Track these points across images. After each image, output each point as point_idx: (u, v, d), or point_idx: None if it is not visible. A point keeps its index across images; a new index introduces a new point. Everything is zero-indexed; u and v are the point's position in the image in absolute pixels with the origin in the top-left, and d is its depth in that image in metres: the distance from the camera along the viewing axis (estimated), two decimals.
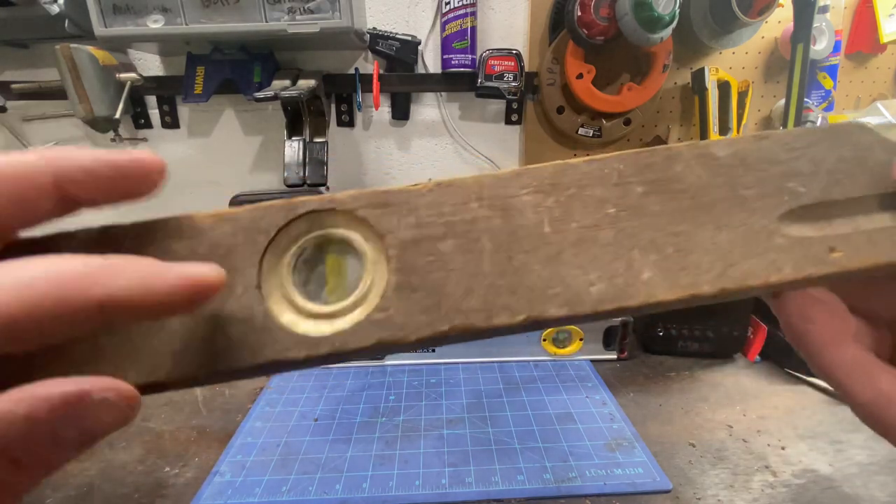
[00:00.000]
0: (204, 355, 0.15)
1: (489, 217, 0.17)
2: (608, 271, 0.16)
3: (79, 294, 0.11)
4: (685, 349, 0.64)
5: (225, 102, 0.74)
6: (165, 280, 0.12)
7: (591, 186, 0.17)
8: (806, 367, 0.58)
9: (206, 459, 0.46)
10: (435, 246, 0.16)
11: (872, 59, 0.76)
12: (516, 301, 0.16)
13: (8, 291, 0.10)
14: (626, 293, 0.16)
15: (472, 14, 0.66)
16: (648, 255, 0.17)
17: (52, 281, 0.11)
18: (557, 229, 0.17)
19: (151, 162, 0.14)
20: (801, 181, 0.17)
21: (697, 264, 0.16)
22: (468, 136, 0.76)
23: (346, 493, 0.42)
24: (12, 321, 0.10)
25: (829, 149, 0.17)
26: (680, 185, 0.17)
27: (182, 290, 0.12)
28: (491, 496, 0.41)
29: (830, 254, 0.17)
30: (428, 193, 0.17)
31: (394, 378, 0.60)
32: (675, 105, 0.75)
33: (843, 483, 0.42)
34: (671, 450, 0.47)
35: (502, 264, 0.16)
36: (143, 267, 0.12)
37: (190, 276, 0.12)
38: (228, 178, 0.76)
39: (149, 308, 0.12)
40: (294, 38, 0.57)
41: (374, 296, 0.16)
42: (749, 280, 0.16)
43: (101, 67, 0.62)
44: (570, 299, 0.16)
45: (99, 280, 0.11)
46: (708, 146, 0.18)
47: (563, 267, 0.16)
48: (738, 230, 0.17)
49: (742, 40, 0.69)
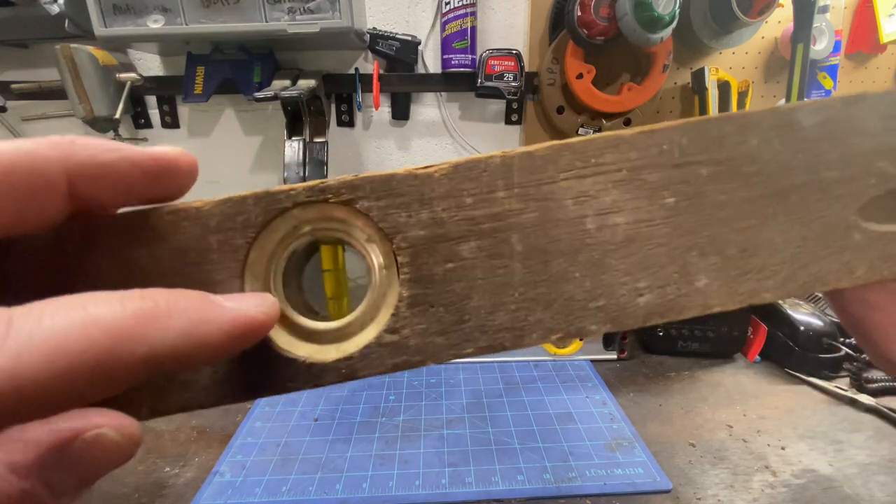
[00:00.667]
0: (188, 393, 0.13)
1: (520, 210, 0.14)
2: (659, 278, 0.14)
3: (121, 352, 0.09)
4: (685, 349, 0.64)
5: (225, 102, 0.74)
6: (219, 327, 0.10)
7: (646, 169, 0.14)
8: (806, 367, 0.59)
9: (206, 459, 0.46)
10: (454, 249, 0.13)
11: (872, 59, 0.76)
12: (552, 317, 0.14)
13: (34, 355, 0.08)
14: (677, 304, 0.14)
15: (472, 14, 0.66)
16: (707, 258, 0.14)
17: (89, 337, 0.08)
18: (603, 225, 0.14)
19: (179, 159, 0.12)
20: (893, 160, 0.14)
21: (762, 267, 0.14)
22: (468, 136, 0.76)
23: (346, 493, 0.42)
24: (40, 391, 0.08)
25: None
26: (753, 167, 0.14)
27: (234, 335, 0.10)
28: (491, 496, 0.41)
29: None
30: (443, 179, 0.13)
31: (394, 378, 0.60)
32: (675, 105, 0.75)
33: (843, 483, 0.42)
34: (671, 450, 0.47)
35: (536, 271, 0.14)
36: (191, 310, 0.10)
37: (243, 318, 0.10)
38: (228, 178, 0.76)
39: (197, 359, 0.10)
40: (294, 38, 0.57)
41: (384, 312, 0.14)
42: (815, 286, 0.14)
43: (101, 67, 0.62)
44: (614, 313, 0.14)
45: (144, 332, 0.09)
46: (792, 111, 0.14)
47: (609, 273, 0.14)
48: (813, 224, 0.14)
49: (742, 40, 0.69)
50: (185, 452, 0.47)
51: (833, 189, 0.14)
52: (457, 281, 0.14)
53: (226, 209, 0.13)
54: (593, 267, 0.14)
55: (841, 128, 0.14)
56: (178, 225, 0.13)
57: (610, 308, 0.14)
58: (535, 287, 0.14)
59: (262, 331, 0.11)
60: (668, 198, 0.14)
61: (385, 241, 0.14)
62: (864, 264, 0.14)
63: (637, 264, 0.14)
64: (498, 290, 0.14)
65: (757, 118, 0.14)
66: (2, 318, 0.08)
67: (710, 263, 0.14)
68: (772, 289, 0.14)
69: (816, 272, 0.14)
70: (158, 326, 0.09)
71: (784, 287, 0.14)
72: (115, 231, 0.13)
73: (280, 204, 0.13)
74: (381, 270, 0.14)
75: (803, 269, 0.14)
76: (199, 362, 0.10)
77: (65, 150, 0.11)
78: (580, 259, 0.14)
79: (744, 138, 0.14)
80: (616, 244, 0.14)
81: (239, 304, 0.11)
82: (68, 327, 0.08)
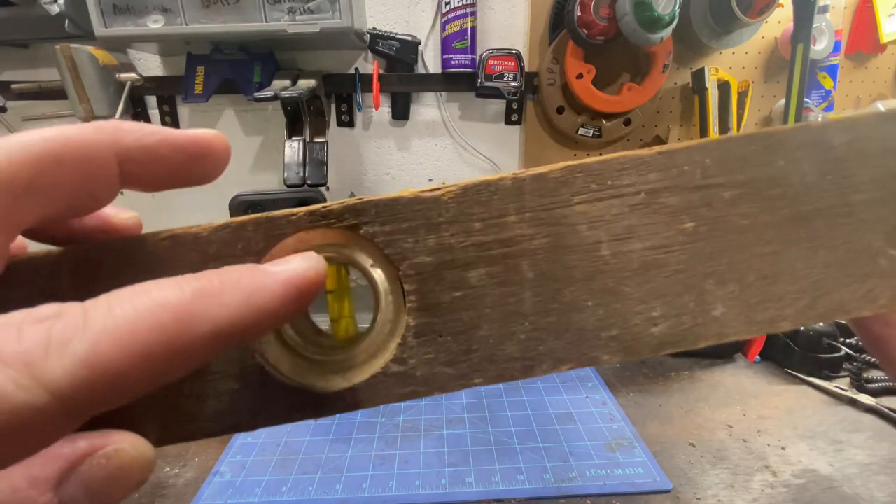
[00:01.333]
0: (194, 424, 0.13)
1: (532, 236, 0.13)
2: (675, 307, 0.13)
3: (188, 331, 0.09)
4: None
5: (225, 102, 0.74)
6: (272, 291, 0.10)
7: (665, 192, 0.13)
8: (806, 367, 0.59)
9: (206, 459, 0.46)
10: (463, 276, 0.13)
11: (872, 59, 0.76)
12: (562, 347, 0.13)
13: (110, 343, 0.08)
14: (692, 334, 0.13)
15: (472, 14, 0.66)
16: (726, 286, 0.13)
17: (157, 321, 0.09)
18: (618, 252, 0.13)
19: (215, 141, 0.12)
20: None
21: (781, 296, 0.13)
22: (468, 136, 0.76)
23: (346, 493, 0.41)
24: (121, 377, 0.08)
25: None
26: (777, 189, 0.13)
27: (290, 295, 0.10)
28: (491, 496, 0.41)
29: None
30: (451, 203, 0.13)
31: None
32: (675, 105, 0.75)
33: (843, 483, 0.42)
34: (671, 450, 0.47)
35: (548, 300, 0.13)
36: (244, 281, 0.10)
37: (294, 278, 0.10)
38: (228, 178, 0.76)
39: (259, 326, 0.10)
40: (294, 38, 0.57)
41: (391, 342, 0.13)
42: (836, 314, 0.14)
43: (101, 67, 0.62)
44: (627, 343, 0.13)
45: (206, 309, 0.09)
46: (823, 129, 0.14)
47: (623, 302, 0.13)
48: (837, 250, 0.14)
49: (742, 40, 0.69)
50: (185, 452, 0.47)
51: (860, 213, 0.14)
52: (465, 310, 0.13)
53: (225, 235, 0.13)
54: (607, 295, 0.13)
55: (873, 147, 0.14)
56: (175, 251, 0.12)
57: (623, 338, 0.13)
58: (546, 316, 0.13)
59: (314, 288, 0.11)
60: (687, 223, 0.13)
61: (391, 267, 0.13)
62: (888, 292, 0.14)
63: (652, 292, 0.13)
64: (508, 318, 0.13)
65: (783, 136, 0.13)
66: (78, 311, 0.09)
67: (728, 292, 0.13)
68: (790, 317, 0.14)
69: (838, 300, 0.14)
70: (217, 302, 0.10)
71: (803, 315, 0.14)
72: (113, 257, 0.12)
73: (281, 230, 0.13)
74: (387, 297, 0.13)
75: (825, 296, 0.14)
76: (261, 330, 0.10)
77: (111, 134, 0.11)
78: (593, 287, 0.13)
79: (770, 159, 0.13)
80: (631, 271, 0.13)
81: (286, 266, 0.11)
82: (138, 314, 0.09)
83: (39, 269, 0.12)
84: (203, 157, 0.12)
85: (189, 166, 0.12)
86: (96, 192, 0.11)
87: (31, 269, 0.12)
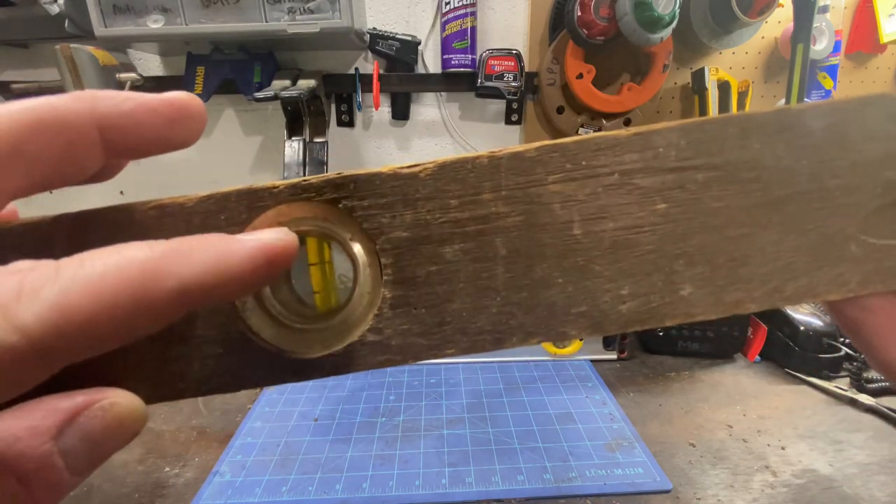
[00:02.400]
0: (179, 382, 0.13)
1: (506, 214, 0.13)
2: (643, 286, 0.14)
3: (154, 285, 0.10)
4: (685, 349, 0.64)
5: (225, 102, 0.74)
6: (240, 256, 0.11)
7: (639, 173, 0.13)
8: (806, 367, 0.59)
9: (206, 459, 0.46)
10: (438, 251, 0.13)
11: (872, 59, 0.76)
12: (532, 321, 0.14)
13: (79, 292, 0.09)
14: (659, 312, 0.14)
15: (472, 14, 0.66)
16: (695, 267, 0.14)
17: (124, 274, 0.09)
18: (590, 231, 0.13)
19: (191, 103, 0.13)
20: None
21: (750, 278, 0.14)
22: (468, 136, 0.76)
23: (346, 493, 0.42)
24: (90, 324, 0.09)
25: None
26: (752, 173, 0.13)
27: (257, 262, 0.11)
28: (491, 496, 0.41)
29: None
30: (429, 180, 0.13)
31: (394, 378, 0.60)
32: (675, 105, 0.75)
33: (843, 483, 0.42)
34: (671, 450, 0.47)
35: (520, 276, 0.13)
36: (214, 245, 0.11)
37: (262, 245, 0.11)
38: (228, 178, 0.76)
39: (226, 288, 0.11)
40: (294, 38, 0.57)
41: (368, 312, 0.14)
42: (804, 297, 0.14)
43: (101, 67, 0.62)
44: (596, 320, 0.14)
45: (172, 267, 0.10)
46: (802, 113, 0.14)
47: (592, 280, 0.14)
48: (809, 235, 0.14)
49: (742, 40, 0.69)
50: (185, 452, 0.47)
51: (835, 198, 0.14)
52: (439, 284, 0.14)
53: (209, 206, 0.13)
54: (577, 273, 0.14)
55: (853, 132, 0.13)
56: (162, 220, 0.13)
57: (591, 314, 0.14)
58: (517, 291, 0.14)
59: (282, 258, 0.11)
60: (659, 204, 0.13)
61: (369, 241, 0.14)
62: (857, 277, 0.14)
63: (622, 271, 0.14)
64: (480, 293, 0.14)
65: (761, 120, 0.13)
66: (51, 265, 0.10)
67: (697, 272, 0.14)
68: (758, 299, 0.14)
69: (807, 284, 0.14)
70: (185, 261, 0.10)
71: (771, 298, 0.14)
72: (102, 225, 0.13)
73: (263, 202, 0.13)
74: (365, 269, 0.14)
75: (793, 280, 0.14)
76: (229, 293, 0.11)
77: (89, 101, 0.11)
78: (565, 265, 0.14)
79: (745, 142, 0.13)
80: (602, 251, 0.14)
81: (257, 235, 0.11)
82: (107, 267, 0.10)
83: (30, 235, 0.13)
84: (180, 120, 0.12)
85: (168, 129, 0.12)
86: (80, 159, 0.12)
87: (21, 234, 0.13)
